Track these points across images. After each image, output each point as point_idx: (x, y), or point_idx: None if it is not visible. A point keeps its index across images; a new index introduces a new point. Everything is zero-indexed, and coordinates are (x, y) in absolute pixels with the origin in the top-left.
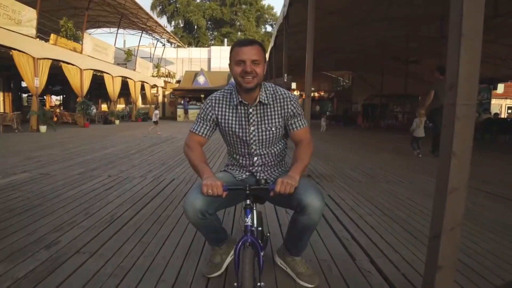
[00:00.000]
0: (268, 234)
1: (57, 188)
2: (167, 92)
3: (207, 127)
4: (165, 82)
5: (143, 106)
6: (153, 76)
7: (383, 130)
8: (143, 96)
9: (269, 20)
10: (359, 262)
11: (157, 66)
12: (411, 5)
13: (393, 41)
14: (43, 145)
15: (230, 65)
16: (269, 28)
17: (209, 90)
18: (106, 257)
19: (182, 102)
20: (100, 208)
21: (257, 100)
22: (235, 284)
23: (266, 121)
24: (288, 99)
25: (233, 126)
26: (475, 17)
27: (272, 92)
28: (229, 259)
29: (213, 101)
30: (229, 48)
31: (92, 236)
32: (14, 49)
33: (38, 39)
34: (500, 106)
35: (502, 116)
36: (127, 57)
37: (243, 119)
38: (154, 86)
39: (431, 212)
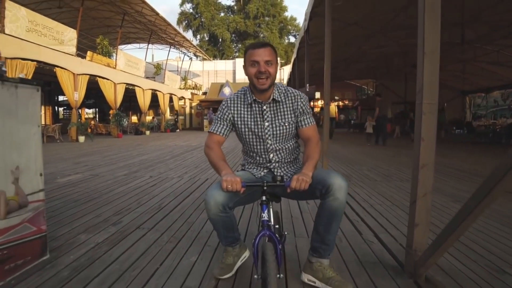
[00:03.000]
0: (286, 233)
1: (109, 185)
2: (194, 104)
3: (225, 127)
4: (192, 94)
5: (170, 117)
6: (180, 88)
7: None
8: (171, 108)
9: (292, 31)
10: (365, 236)
11: (184, 79)
12: None
13: (414, 48)
14: (85, 153)
15: (244, 67)
16: (292, 39)
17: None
18: (161, 231)
19: (207, 113)
20: (149, 199)
21: (271, 97)
22: (255, 276)
23: (280, 117)
24: (299, 97)
25: (249, 123)
26: (432, 39)
27: (284, 90)
28: (239, 263)
29: (229, 102)
30: None
31: (147, 218)
32: (57, 66)
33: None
34: None
35: None
36: (156, 71)
37: (257, 116)
38: (182, 98)
39: (411, 185)
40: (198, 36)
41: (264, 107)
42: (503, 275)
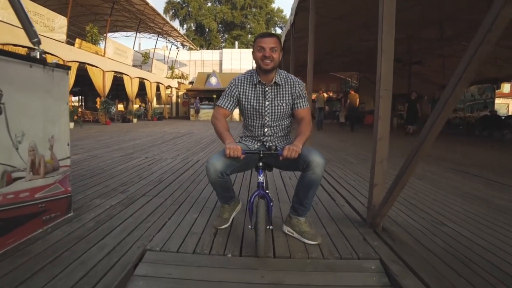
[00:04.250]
0: (272, 203)
1: (109, 164)
2: (180, 93)
3: (231, 102)
4: (179, 83)
5: (157, 106)
6: (167, 77)
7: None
8: (158, 96)
9: (278, 22)
10: (338, 201)
11: (171, 68)
12: (410, 11)
13: (397, 43)
14: (78, 138)
15: (253, 52)
16: (278, 31)
17: (221, 90)
18: (165, 198)
19: (194, 102)
20: (148, 174)
21: (273, 81)
22: (250, 226)
23: (279, 98)
24: (297, 83)
25: (252, 100)
26: (388, 41)
27: (284, 76)
28: (234, 214)
29: (237, 81)
30: (239, 50)
31: (150, 188)
32: (48, 53)
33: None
34: (507, 105)
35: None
36: (144, 60)
37: (260, 95)
38: (169, 87)
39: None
40: (185, 26)
41: (267, 89)
42: (442, 226)
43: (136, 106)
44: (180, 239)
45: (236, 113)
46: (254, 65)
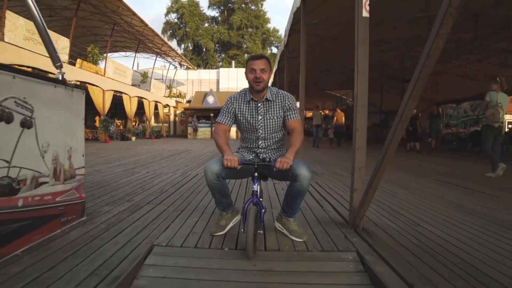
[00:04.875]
0: (264, 210)
1: (112, 178)
2: (178, 112)
3: (229, 118)
4: (177, 102)
5: (155, 124)
6: (165, 96)
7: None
8: (156, 115)
9: (274, 42)
10: (325, 208)
11: (169, 87)
12: (400, 29)
13: (390, 61)
14: None
15: (245, 73)
16: (274, 50)
17: (218, 109)
18: (167, 205)
19: (191, 121)
20: (151, 186)
21: (264, 97)
22: (242, 230)
23: (270, 112)
24: (287, 97)
25: (247, 116)
26: (363, 62)
27: (275, 92)
28: (231, 224)
29: (233, 99)
30: (236, 69)
31: (153, 198)
32: (51, 73)
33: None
34: None
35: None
36: (143, 79)
37: (253, 111)
38: (167, 105)
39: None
40: (183, 46)
41: (259, 105)
42: (417, 226)
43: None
44: (183, 237)
45: (233, 130)
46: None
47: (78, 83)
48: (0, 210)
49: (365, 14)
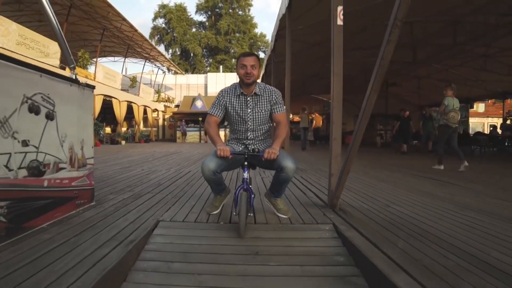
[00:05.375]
0: (253, 195)
1: (111, 174)
2: (167, 116)
3: (220, 110)
4: (165, 106)
5: (144, 128)
6: (154, 101)
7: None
8: (145, 119)
9: (261, 47)
10: (308, 195)
11: (157, 92)
12: (382, 35)
13: (373, 66)
14: None
15: (236, 69)
16: (262, 55)
17: (206, 113)
18: (166, 194)
19: (180, 125)
20: (148, 180)
21: (253, 92)
22: (234, 213)
23: (259, 106)
24: (274, 92)
25: (237, 108)
26: (338, 65)
27: (263, 87)
28: (224, 201)
29: (224, 92)
30: (224, 74)
31: (152, 189)
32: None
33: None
34: (482, 124)
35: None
36: (132, 84)
37: (243, 104)
38: (155, 110)
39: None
40: (170, 50)
41: (248, 98)
42: (387, 207)
43: (124, 129)
44: (183, 215)
45: (221, 133)
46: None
47: None
48: (30, 188)
49: (340, 22)
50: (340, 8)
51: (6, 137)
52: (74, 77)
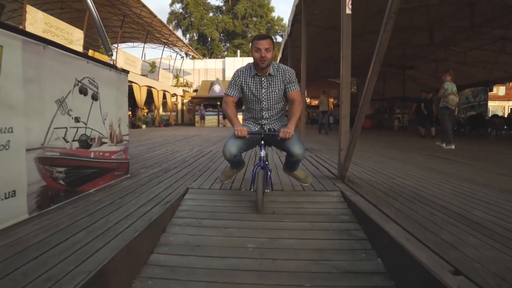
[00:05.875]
0: (270, 172)
1: (138, 153)
2: (185, 100)
3: (236, 90)
4: (184, 91)
5: (163, 113)
6: (173, 86)
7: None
8: (164, 104)
9: (279, 31)
10: (320, 170)
11: (176, 77)
12: (399, 19)
13: (390, 49)
14: None
15: (251, 51)
16: (279, 39)
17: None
18: (191, 168)
19: (198, 109)
20: (174, 158)
21: (268, 73)
22: (251, 189)
23: (273, 86)
24: (287, 71)
25: (252, 88)
26: (347, 49)
27: (276, 67)
28: (236, 174)
29: (239, 72)
30: (241, 58)
31: (178, 165)
32: None
33: None
34: (503, 107)
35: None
36: (151, 69)
37: (258, 84)
38: (174, 95)
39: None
40: (188, 36)
41: (263, 79)
42: (393, 179)
43: (144, 113)
44: (209, 184)
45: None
46: None
47: None
48: (81, 158)
49: (348, 11)
50: None
51: (64, 114)
52: (112, 63)
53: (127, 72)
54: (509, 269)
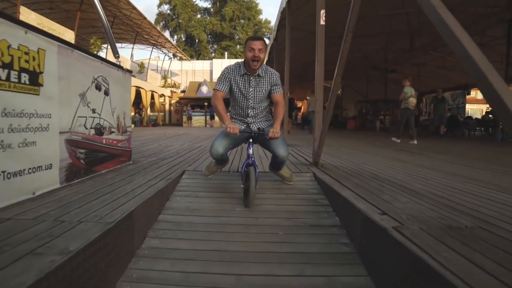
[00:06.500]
0: (257, 168)
1: (133, 147)
2: (173, 101)
3: (225, 85)
4: (172, 92)
5: (151, 113)
6: (160, 86)
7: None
8: (152, 104)
9: (266, 33)
10: (298, 159)
11: (164, 78)
12: (381, 25)
13: (374, 53)
14: None
15: (244, 51)
16: (267, 41)
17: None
18: (185, 158)
19: (186, 110)
20: (168, 151)
21: (257, 73)
22: (242, 186)
23: (260, 86)
24: (274, 74)
25: (240, 86)
26: (321, 54)
27: (264, 69)
28: (219, 169)
29: (229, 69)
30: (229, 60)
31: (173, 155)
32: None
33: None
34: (481, 110)
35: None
36: (140, 69)
37: (246, 83)
38: (162, 95)
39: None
40: (175, 37)
41: (251, 78)
42: (360, 166)
43: (132, 113)
44: (203, 168)
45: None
46: None
47: None
48: (96, 143)
49: (322, 23)
50: (322, 11)
51: (84, 105)
52: (119, 64)
53: (131, 72)
54: (420, 212)
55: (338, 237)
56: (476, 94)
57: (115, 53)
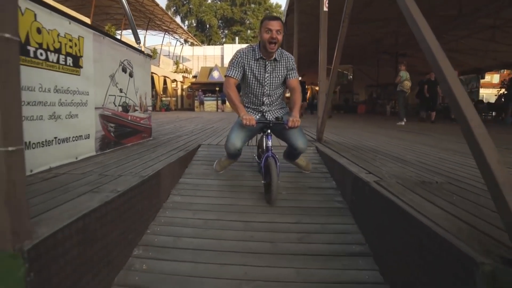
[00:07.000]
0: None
1: None
2: (185, 86)
3: (238, 72)
4: (183, 77)
5: (164, 98)
6: (172, 72)
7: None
8: (164, 89)
9: None
10: (309, 138)
11: (176, 63)
12: (390, 9)
13: (384, 37)
14: None
15: (260, 32)
16: None
17: (223, 83)
18: (199, 135)
19: (197, 95)
20: (183, 130)
21: (273, 57)
22: (263, 181)
23: (276, 71)
24: (290, 58)
25: (255, 71)
26: (324, 39)
27: (280, 53)
28: (229, 166)
29: (242, 53)
30: (240, 45)
31: (188, 134)
32: None
33: None
34: (496, 94)
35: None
36: (153, 55)
37: (262, 68)
38: (174, 80)
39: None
40: (186, 22)
41: (267, 63)
42: (359, 142)
43: None
44: (217, 142)
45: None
46: None
47: None
48: (123, 118)
49: (325, 9)
50: None
51: (113, 85)
52: (140, 49)
53: (150, 56)
54: (402, 173)
55: (332, 196)
56: (492, 78)
57: (137, 39)
